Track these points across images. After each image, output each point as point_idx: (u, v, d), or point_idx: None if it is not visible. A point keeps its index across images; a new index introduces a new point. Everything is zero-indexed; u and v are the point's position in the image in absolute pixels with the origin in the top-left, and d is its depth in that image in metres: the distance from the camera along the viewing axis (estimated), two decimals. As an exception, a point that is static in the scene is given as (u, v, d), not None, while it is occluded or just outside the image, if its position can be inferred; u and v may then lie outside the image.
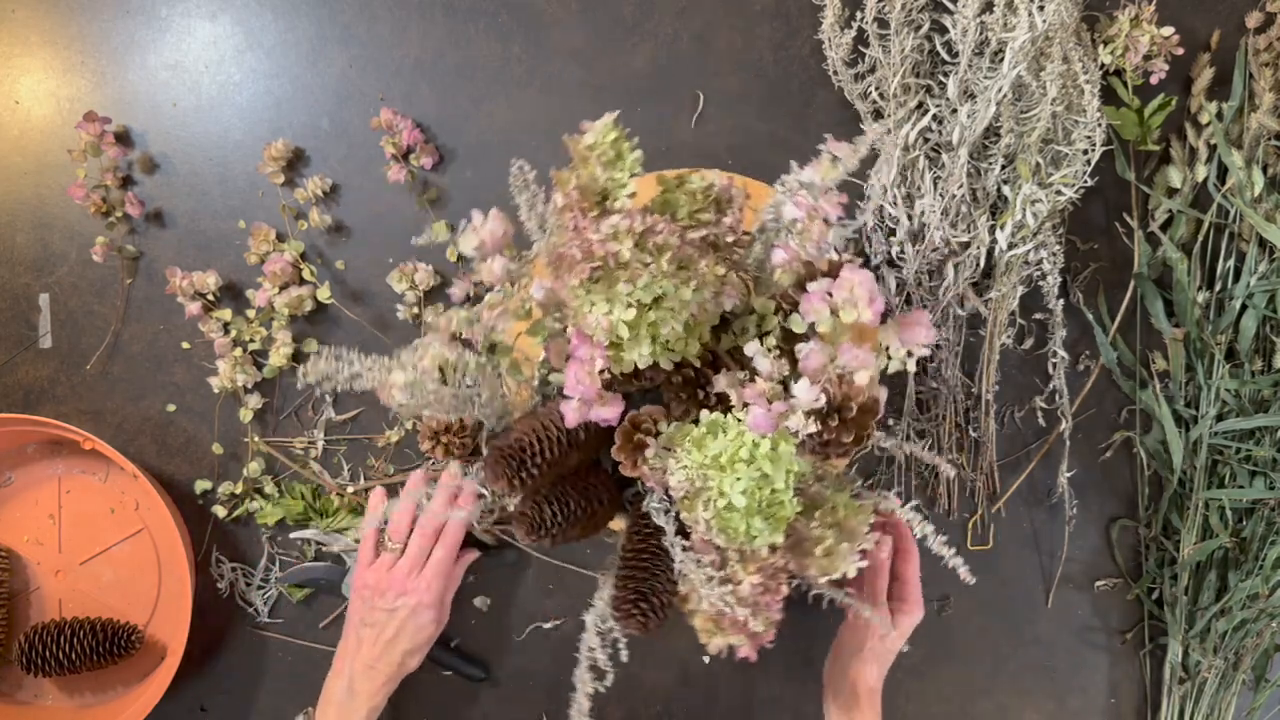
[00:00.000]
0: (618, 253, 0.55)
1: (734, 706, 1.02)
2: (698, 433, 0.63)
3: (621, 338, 0.58)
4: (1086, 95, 0.90)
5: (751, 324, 0.68)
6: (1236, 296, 0.95)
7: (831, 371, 0.59)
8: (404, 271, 0.96)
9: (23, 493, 0.99)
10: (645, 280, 0.56)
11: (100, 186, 0.96)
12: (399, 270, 0.96)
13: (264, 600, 0.99)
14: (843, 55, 0.93)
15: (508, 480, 0.65)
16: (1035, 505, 1.02)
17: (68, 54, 0.98)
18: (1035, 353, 1.00)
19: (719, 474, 0.61)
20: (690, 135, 0.98)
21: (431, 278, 0.97)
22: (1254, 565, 0.95)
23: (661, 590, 0.68)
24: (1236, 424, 0.94)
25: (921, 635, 1.02)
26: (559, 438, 0.68)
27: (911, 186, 0.95)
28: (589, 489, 0.72)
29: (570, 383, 0.60)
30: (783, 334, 0.65)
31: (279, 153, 0.95)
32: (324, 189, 0.97)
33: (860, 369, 0.58)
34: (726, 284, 0.62)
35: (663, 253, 0.56)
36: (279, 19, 0.98)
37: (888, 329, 0.61)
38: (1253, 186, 0.93)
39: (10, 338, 0.99)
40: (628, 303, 0.57)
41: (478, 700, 1.01)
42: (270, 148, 0.95)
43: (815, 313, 0.58)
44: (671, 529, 0.68)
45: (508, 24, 0.98)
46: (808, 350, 0.59)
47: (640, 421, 0.68)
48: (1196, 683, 0.99)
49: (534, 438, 0.67)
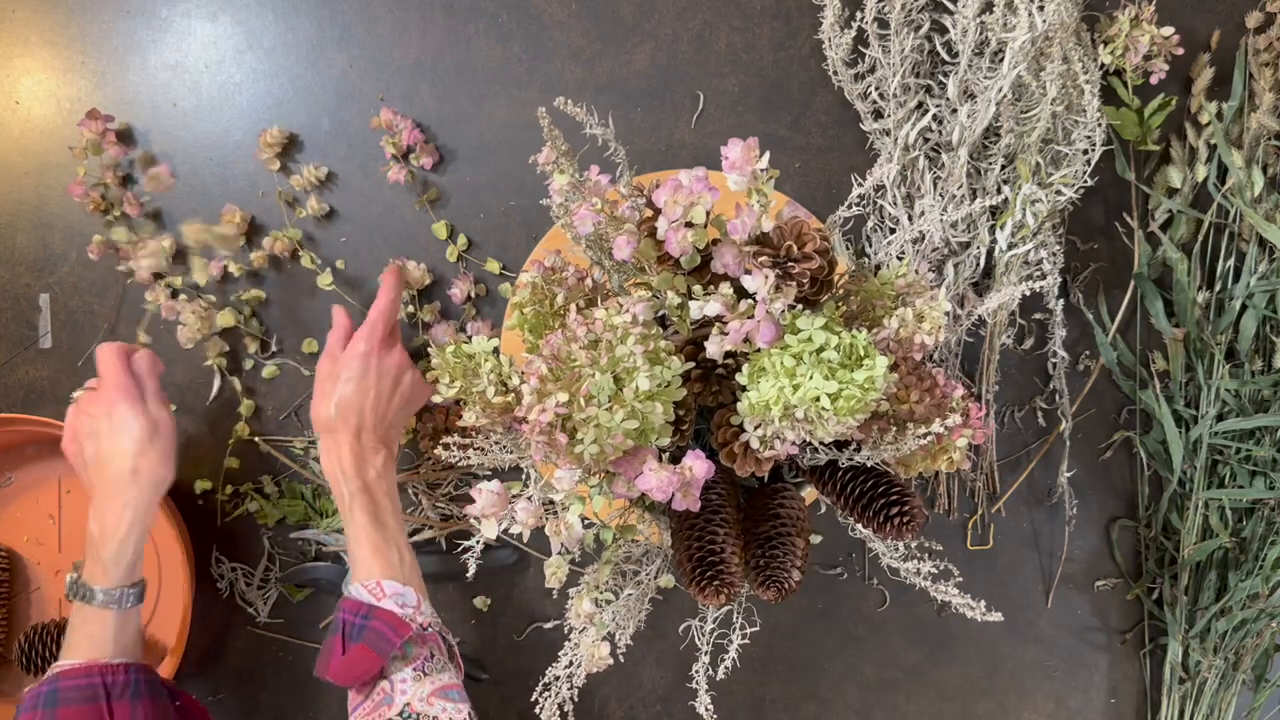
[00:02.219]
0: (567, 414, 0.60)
1: (735, 706, 1.03)
2: (757, 397, 0.64)
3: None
4: (1086, 95, 0.90)
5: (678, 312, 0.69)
6: (1236, 296, 0.95)
7: (746, 251, 0.62)
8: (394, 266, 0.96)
9: (23, 493, 0.99)
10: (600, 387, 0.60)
11: (100, 185, 0.96)
12: (391, 265, 0.96)
13: (264, 600, 0.99)
14: (843, 55, 0.93)
15: (727, 597, 0.67)
16: (1035, 505, 1.02)
17: (68, 54, 0.98)
18: (1035, 353, 1.00)
19: (803, 384, 0.62)
20: (690, 135, 0.98)
21: (426, 276, 0.97)
22: (1254, 565, 0.95)
23: (726, 549, 0.70)
24: (1236, 424, 0.94)
25: (921, 635, 1.02)
26: (712, 533, 0.70)
27: (911, 186, 0.95)
28: (726, 509, 0.73)
29: (660, 493, 0.62)
30: (703, 288, 0.67)
31: (274, 139, 0.96)
32: (319, 177, 0.97)
33: (754, 220, 0.61)
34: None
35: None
36: (279, 19, 0.98)
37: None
38: (1253, 186, 0.93)
39: (10, 338, 0.99)
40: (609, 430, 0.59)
41: (478, 700, 1.01)
42: (266, 134, 0.96)
43: (681, 243, 0.61)
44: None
45: (508, 24, 0.98)
46: (718, 253, 0.63)
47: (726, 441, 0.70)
48: (1196, 683, 0.99)
49: (697, 549, 0.70)
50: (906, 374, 0.67)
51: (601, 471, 0.63)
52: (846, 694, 1.03)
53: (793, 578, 0.70)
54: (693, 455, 0.62)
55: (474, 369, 0.69)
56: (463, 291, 0.97)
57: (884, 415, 0.68)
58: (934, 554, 0.84)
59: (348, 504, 0.82)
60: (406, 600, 0.78)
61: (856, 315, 0.73)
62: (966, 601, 0.70)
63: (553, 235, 0.95)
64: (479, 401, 0.68)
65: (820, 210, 0.98)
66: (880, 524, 0.69)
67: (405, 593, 0.78)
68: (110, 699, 0.78)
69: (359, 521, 0.81)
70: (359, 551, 0.81)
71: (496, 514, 0.65)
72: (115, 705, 0.78)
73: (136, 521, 0.82)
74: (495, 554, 0.99)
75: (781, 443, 0.65)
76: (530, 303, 0.69)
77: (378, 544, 0.80)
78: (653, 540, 0.78)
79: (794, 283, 0.63)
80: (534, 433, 0.59)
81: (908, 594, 1.01)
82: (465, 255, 0.98)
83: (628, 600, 0.74)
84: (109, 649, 0.80)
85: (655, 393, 0.60)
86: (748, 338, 0.63)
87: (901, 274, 0.71)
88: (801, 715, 1.03)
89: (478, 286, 0.98)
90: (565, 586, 0.69)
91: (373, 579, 0.79)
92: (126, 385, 0.84)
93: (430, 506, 0.99)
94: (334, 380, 0.84)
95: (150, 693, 0.81)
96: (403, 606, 0.77)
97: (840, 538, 1.01)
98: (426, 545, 0.99)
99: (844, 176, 0.98)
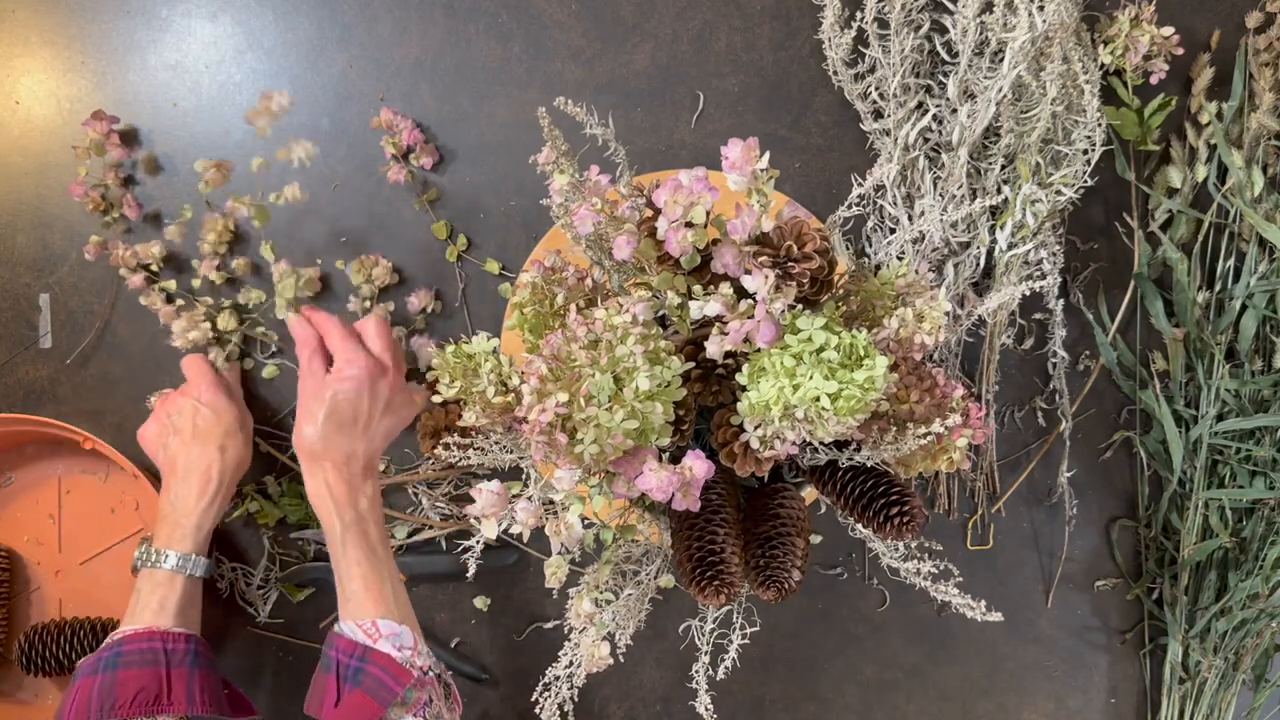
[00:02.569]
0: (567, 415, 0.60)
1: (735, 706, 1.03)
2: (758, 396, 0.64)
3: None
4: (1086, 95, 0.90)
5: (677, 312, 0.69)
6: (1236, 296, 0.95)
7: (746, 251, 0.63)
8: (364, 263, 0.96)
9: (23, 493, 0.99)
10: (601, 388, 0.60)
11: (100, 185, 0.96)
12: (359, 261, 0.96)
13: (264, 600, 0.99)
14: (843, 55, 0.93)
15: (727, 597, 0.67)
16: (1035, 505, 1.02)
17: (68, 54, 0.98)
18: (1035, 353, 1.00)
19: (803, 384, 0.62)
20: (690, 135, 0.98)
21: (390, 275, 0.96)
22: (1254, 565, 0.95)
23: (726, 549, 0.70)
24: (1236, 424, 0.94)
25: (921, 635, 1.02)
26: (712, 533, 0.70)
27: (911, 186, 0.95)
28: (726, 508, 0.73)
29: (660, 493, 0.62)
30: (703, 288, 0.67)
31: (279, 107, 0.86)
32: (308, 152, 0.88)
33: (754, 220, 0.61)
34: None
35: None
36: (279, 19, 0.98)
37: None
38: (1253, 186, 0.93)
39: (10, 338, 0.99)
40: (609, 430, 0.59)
41: (478, 700, 1.01)
42: (268, 100, 0.86)
43: (681, 243, 0.61)
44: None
45: (508, 24, 0.98)
46: (718, 253, 0.63)
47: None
48: (1196, 683, 0.99)
49: (697, 549, 0.70)
50: (906, 374, 0.67)
51: (601, 471, 0.63)
52: (846, 694, 1.03)
53: (793, 578, 0.70)
54: (693, 455, 0.62)
55: (474, 369, 0.69)
56: (420, 302, 0.97)
57: (884, 415, 0.68)
58: (934, 554, 0.84)
59: (339, 537, 0.80)
60: (404, 641, 0.77)
61: (856, 315, 0.73)
62: (966, 601, 0.70)
63: (553, 235, 0.95)
64: (479, 401, 0.68)
65: (820, 210, 0.98)
66: (880, 524, 0.69)
67: (401, 633, 0.77)
68: (170, 665, 0.78)
69: (352, 556, 0.79)
70: (351, 587, 0.79)
71: (496, 514, 0.65)
72: (174, 672, 0.78)
73: (219, 493, 0.86)
74: (495, 554, 0.99)
75: (781, 443, 0.65)
76: (530, 303, 0.69)
77: (371, 580, 0.78)
78: (653, 540, 0.78)
79: (794, 283, 0.63)
80: (534, 433, 0.59)
81: (908, 594, 1.01)
82: (465, 255, 0.98)
83: (628, 600, 0.74)
84: (172, 617, 0.81)
85: (655, 393, 0.60)
86: (748, 338, 0.63)
87: (901, 274, 0.71)
88: (801, 715, 1.03)
89: (436, 301, 0.98)
90: (565, 586, 0.69)
91: (367, 618, 0.77)
92: (218, 381, 0.90)
93: (430, 506, 0.99)
94: (320, 402, 0.81)
95: (206, 665, 0.81)
96: (400, 649, 0.76)
97: (840, 538, 1.01)
98: (426, 545, 0.99)
99: (844, 176, 0.98)
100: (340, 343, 0.83)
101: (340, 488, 0.80)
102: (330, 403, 0.80)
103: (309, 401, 0.82)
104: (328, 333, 0.85)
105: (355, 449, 0.81)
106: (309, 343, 0.84)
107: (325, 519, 0.81)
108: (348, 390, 0.81)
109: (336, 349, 0.83)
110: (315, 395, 0.82)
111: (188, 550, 0.83)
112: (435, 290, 0.98)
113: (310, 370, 0.83)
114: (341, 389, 0.81)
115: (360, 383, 0.81)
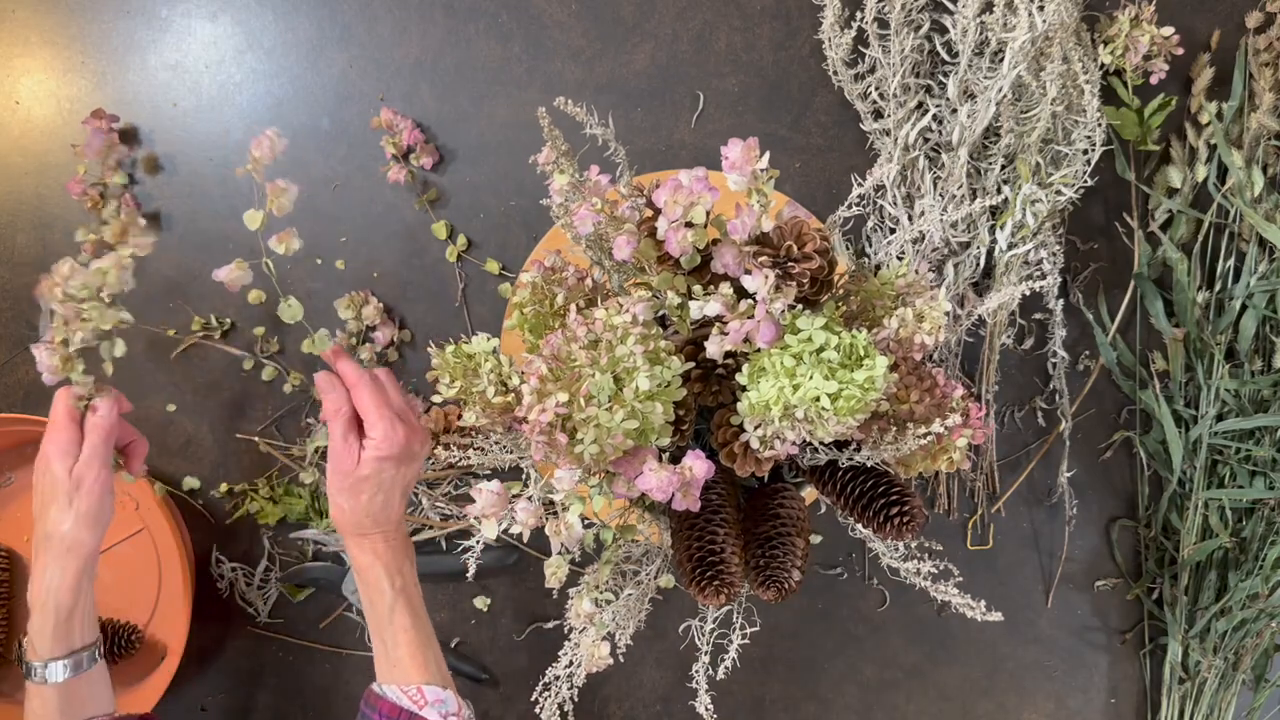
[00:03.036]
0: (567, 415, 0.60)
1: (735, 706, 1.03)
2: (757, 397, 0.64)
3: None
4: (1086, 95, 0.90)
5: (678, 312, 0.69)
6: (1236, 296, 0.95)
7: (746, 251, 0.63)
8: (353, 299, 0.96)
9: (23, 493, 0.99)
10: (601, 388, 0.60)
11: (99, 184, 0.96)
12: (349, 297, 0.96)
13: (264, 600, 0.99)
14: (843, 55, 0.93)
15: (727, 597, 0.67)
16: (1035, 505, 1.02)
17: (68, 54, 0.98)
18: (1035, 353, 1.00)
19: (803, 384, 0.62)
20: (690, 135, 0.98)
21: (379, 314, 0.97)
22: (1254, 565, 0.95)
23: (726, 549, 0.70)
24: (1236, 424, 0.94)
25: (921, 635, 1.02)
26: (712, 533, 0.70)
27: (911, 186, 0.95)
28: (726, 508, 0.73)
29: (660, 493, 0.62)
30: (703, 288, 0.67)
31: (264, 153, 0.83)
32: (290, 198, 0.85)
33: (753, 220, 0.61)
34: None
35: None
36: (279, 19, 0.98)
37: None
38: (1253, 186, 0.93)
39: (10, 338, 0.99)
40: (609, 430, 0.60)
41: (478, 700, 1.01)
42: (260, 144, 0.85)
43: (681, 243, 0.61)
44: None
45: (508, 24, 0.98)
46: (718, 253, 0.63)
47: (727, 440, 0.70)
48: (1196, 683, 0.99)
49: (697, 549, 0.69)
50: (906, 374, 0.67)
51: (601, 471, 0.63)
52: (846, 694, 1.03)
53: (793, 578, 0.70)
54: (693, 455, 0.62)
55: (474, 369, 0.69)
56: (385, 337, 0.97)
57: (884, 415, 0.68)
58: (934, 554, 0.84)
59: (388, 606, 0.78)
60: (449, 708, 0.76)
61: (856, 315, 0.73)
62: (966, 601, 0.70)
63: (553, 235, 0.95)
64: (479, 401, 0.68)
65: (820, 210, 0.98)
66: (880, 524, 0.69)
67: (446, 699, 0.76)
68: None
69: (400, 624, 0.78)
70: (398, 654, 0.78)
71: (496, 514, 0.65)
72: None
73: (50, 591, 0.76)
74: (495, 554, 0.99)
75: (781, 443, 0.65)
76: (530, 303, 0.69)
77: (417, 646, 0.78)
78: (653, 540, 0.78)
79: (794, 283, 0.63)
80: (534, 433, 0.59)
81: (908, 594, 1.01)
82: (465, 255, 0.98)
83: (628, 600, 0.74)
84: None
85: (655, 393, 0.60)
86: (748, 338, 0.63)
87: (901, 274, 0.71)
88: (801, 715, 1.03)
89: (402, 332, 0.98)
90: (565, 586, 0.69)
91: (412, 685, 0.76)
92: (55, 438, 0.78)
93: (430, 506, 0.99)
94: (364, 481, 0.76)
95: None
96: (445, 716, 0.76)
97: (840, 538, 1.01)
98: (426, 545, 0.99)
99: (844, 176, 0.98)
100: (375, 411, 0.76)
101: (388, 555, 0.79)
102: (375, 481, 0.77)
103: (351, 481, 0.76)
104: (358, 394, 0.77)
105: (392, 516, 0.79)
106: (342, 414, 0.77)
107: (374, 587, 0.79)
108: (389, 467, 0.77)
109: (370, 416, 0.77)
110: (356, 474, 0.76)
111: (36, 659, 0.76)
112: (400, 320, 0.98)
113: (346, 446, 0.76)
114: (385, 468, 0.77)
115: (400, 459, 0.77)
